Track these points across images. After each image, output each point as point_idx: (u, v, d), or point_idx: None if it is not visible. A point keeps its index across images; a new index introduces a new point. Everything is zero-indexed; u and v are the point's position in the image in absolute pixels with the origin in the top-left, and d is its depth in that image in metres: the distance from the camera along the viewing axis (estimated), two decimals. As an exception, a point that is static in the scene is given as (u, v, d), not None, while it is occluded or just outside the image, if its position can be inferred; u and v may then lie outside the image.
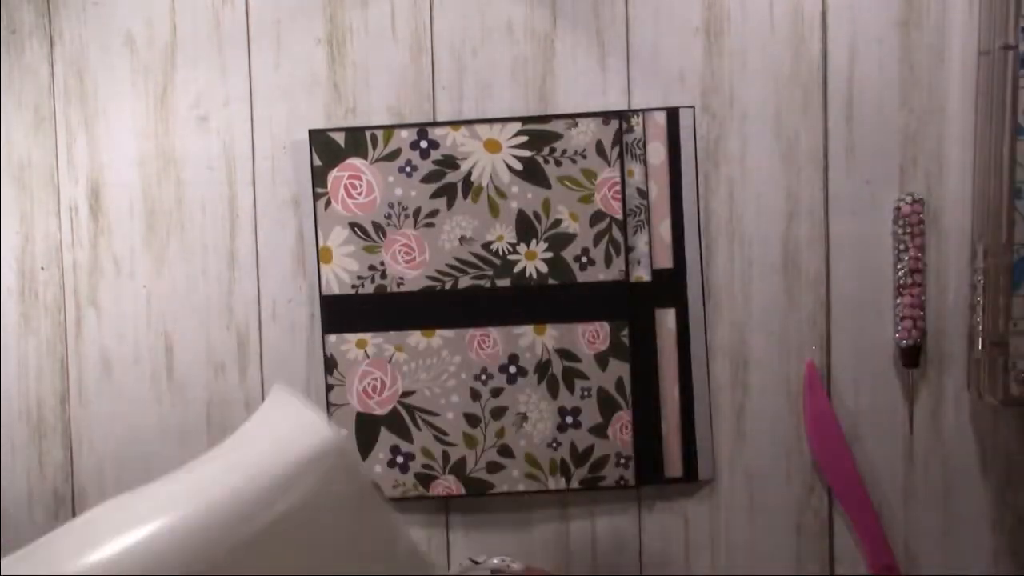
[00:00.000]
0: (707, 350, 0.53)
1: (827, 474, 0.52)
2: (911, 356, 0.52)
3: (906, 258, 0.51)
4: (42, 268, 0.56)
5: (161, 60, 0.53)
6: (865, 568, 0.53)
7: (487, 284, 0.52)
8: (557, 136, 0.52)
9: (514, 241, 0.52)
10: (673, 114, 0.52)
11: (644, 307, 0.52)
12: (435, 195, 0.53)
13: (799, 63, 0.52)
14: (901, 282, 0.52)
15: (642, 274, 0.52)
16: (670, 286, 0.52)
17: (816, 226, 0.53)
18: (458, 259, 0.53)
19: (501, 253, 0.52)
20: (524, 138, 0.52)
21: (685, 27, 0.53)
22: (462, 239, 0.52)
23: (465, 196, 0.52)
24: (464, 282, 0.53)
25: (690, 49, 0.53)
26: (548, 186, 0.52)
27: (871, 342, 0.53)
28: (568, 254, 0.52)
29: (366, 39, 0.53)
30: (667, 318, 0.52)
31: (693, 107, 0.52)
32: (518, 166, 0.52)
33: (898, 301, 0.52)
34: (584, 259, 0.52)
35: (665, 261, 0.52)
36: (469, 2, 0.53)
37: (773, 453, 0.53)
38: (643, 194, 0.52)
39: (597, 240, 0.52)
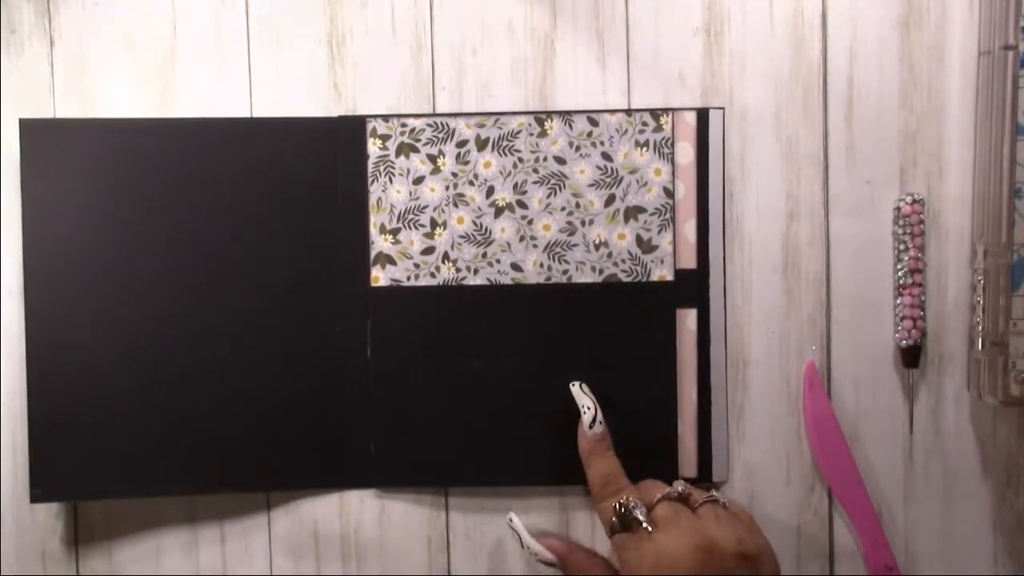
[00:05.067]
0: (726, 351, 0.53)
1: (827, 474, 0.52)
2: (911, 356, 0.52)
3: (906, 258, 0.51)
4: (42, 268, 0.55)
5: (161, 60, 0.53)
6: (865, 568, 0.53)
7: None
8: None
9: None
10: (703, 115, 0.52)
11: (666, 307, 0.52)
12: None
13: (799, 63, 0.52)
14: (901, 282, 0.52)
15: (665, 273, 0.52)
16: (693, 286, 0.52)
17: (816, 226, 0.53)
18: None
19: None
20: None
21: (685, 27, 0.53)
22: None
23: None
24: None
25: (690, 49, 0.53)
26: None
27: (871, 342, 0.53)
28: None
29: (366, 39, 0.53)
30: (688, 319, 0.52)
31: (723, 108, 0.52)
32: None
33: (898, 301, 0.52)
34: None
35: (689, 261, 0.52)
36: (469, 2, 0.53)
37: (773, 453, 0.53)
38: (669, 193, 0.52)
39: None
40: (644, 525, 0.45)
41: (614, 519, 0.46)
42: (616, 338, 0.52)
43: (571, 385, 0.51)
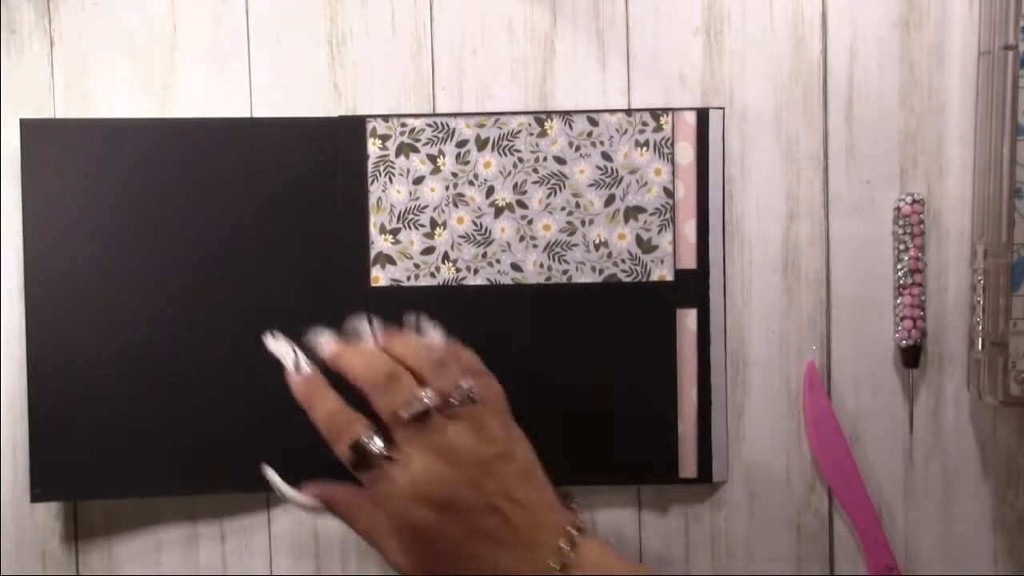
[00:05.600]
0: (725, 351, 0.52)
1: (827, 474, 0.52)
2: (911, 356, 0.52)
3: (906, 258, 0.51)
4: (42, 268, 0.55)
5: (161, 60, 0.53)
6: (865, 568, 0.53)
7: None
8: None
9: None
10: (703, 115, 0.52)
11: (666, 307, 0.52)
12: None
13: (799, 63, 0.52)
14: (901, 282, 0.52)
15: (665, 273, 0.52)
16: (693, 286, 0.52)
17: (816, 226, 0.53)
18: None
19: None
20: None
21: (685, 27, 0.53)
22: None
23: None
24: None
25: (690, 49, 0.53)
26: None
27: (871, 342, 0.53)
28: None
29: (366, 39, 0.53)
30: (688, 319, 0.52)
31: (723, 108, 0.52)
32: None
33: (898, 301, 0.52)
34: None
35: (689, 261, 0.52)
36: (469, 2, 0.53)
37: (773, 453, 0.53)
38: (669, 193, 0.52)
39: None
40: (386, 455, 0.43)
41: (353, 459, 0.43)
42: (616, 338, 0.52)
43: (264, 339, 0.47)
